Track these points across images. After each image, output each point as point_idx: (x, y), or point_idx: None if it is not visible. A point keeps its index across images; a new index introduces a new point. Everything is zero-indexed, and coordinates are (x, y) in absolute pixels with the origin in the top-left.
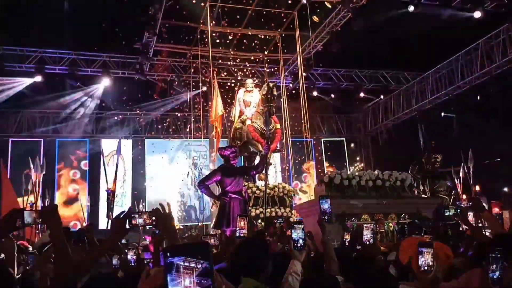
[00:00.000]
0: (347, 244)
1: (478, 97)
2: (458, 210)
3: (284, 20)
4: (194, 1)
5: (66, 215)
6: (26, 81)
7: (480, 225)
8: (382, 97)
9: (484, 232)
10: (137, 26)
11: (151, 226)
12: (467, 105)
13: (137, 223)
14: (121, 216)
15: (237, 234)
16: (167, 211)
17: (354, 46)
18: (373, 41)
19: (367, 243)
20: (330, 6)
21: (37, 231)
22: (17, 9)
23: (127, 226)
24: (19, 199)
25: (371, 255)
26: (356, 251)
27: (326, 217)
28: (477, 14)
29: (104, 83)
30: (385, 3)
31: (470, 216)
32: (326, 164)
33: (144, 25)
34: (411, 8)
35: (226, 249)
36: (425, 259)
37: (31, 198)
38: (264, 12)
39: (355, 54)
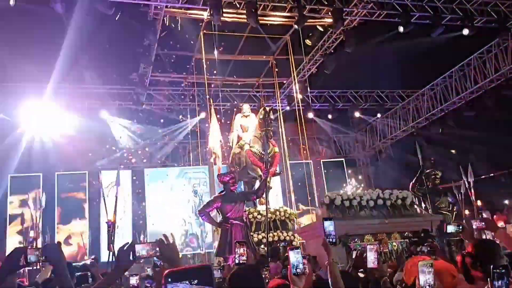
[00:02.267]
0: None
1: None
2: (460, 227)
3: (274, 45)
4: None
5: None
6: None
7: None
8: (379, 115)
9: None
10: (133, 57)
11: (155, 257)
12: (463, 119)
13: (140, 254)
14: (124, 248)
15: (237, 261)
16: (171, 242)
17: (349, 67)
18: (367, 61)
19: (372, 265)
20: (322, 29)
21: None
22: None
23: (131, 258)
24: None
25: (376, 277)
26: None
27: (331, 240)
28: (465, 31)
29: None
30: (376, 25)
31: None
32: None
33: (140, 56)
34: (401, 29)
35: (226, 277)
36: (427, 279)
37: (31, 233)
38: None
39: (350, 75)
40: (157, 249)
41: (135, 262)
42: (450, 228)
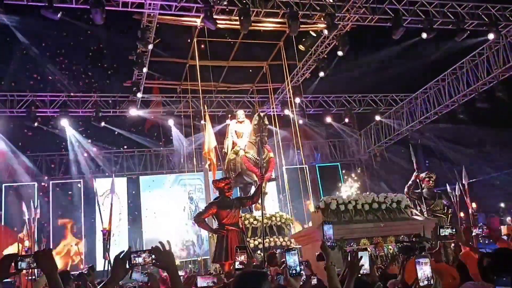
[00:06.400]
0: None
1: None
2: (454, 229)
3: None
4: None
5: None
6: None
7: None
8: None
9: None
10: (126, 65)
11: (151, 265)
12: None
13: (136, 262)
14: (121, 256)
15: (237, 267)
16: (167, 249)
17: (342, 72)
18: (361, 66)
19: (364, 272)
20: (315, 35)
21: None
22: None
23: (127, 266)
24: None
25: (368, 283)
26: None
27: (330, 243)
28: (459, 37)
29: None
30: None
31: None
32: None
33: (133, 63)
34: (396, 36)
35: (225, 283)
36: (424, 271)
37: (26, 243)
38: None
39: (344, 80)
40: (153, 256)
41: (132, 270)
42: (444, 231)
